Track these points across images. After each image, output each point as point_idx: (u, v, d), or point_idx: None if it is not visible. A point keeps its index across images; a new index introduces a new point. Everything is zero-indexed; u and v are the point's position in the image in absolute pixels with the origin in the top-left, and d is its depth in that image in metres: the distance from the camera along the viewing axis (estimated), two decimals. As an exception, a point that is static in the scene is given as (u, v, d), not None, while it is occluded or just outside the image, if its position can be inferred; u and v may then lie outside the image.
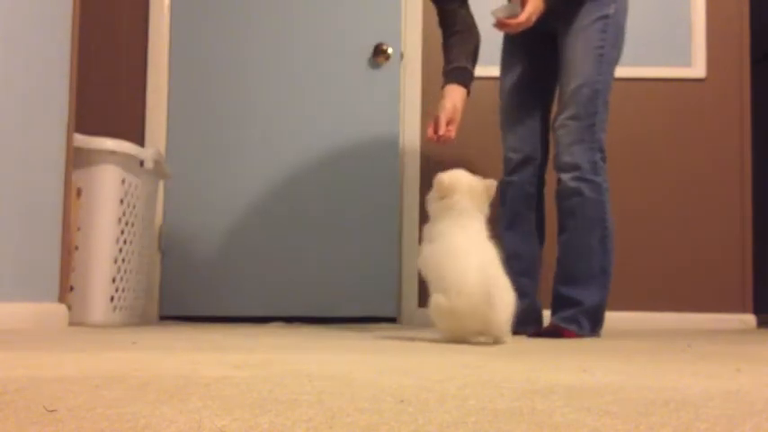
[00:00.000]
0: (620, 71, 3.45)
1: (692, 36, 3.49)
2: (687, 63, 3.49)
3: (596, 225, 2.39)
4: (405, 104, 3.47)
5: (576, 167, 2.37)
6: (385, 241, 3.41)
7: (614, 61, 2.45)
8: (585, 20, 2.40)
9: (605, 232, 2.40)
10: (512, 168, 2.57)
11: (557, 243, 2.45)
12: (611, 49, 2.42)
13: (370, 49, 3.45)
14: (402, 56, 3.48)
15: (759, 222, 3.59)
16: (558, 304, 2.41)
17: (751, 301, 3.42)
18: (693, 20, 3.49)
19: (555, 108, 2.53)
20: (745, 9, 3.52)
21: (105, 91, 3.44)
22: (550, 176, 2.56)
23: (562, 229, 2.43)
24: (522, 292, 2.55)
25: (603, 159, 2.41)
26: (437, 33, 3.66)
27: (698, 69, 3.49)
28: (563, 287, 2.41)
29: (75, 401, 0.75)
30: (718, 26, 3.49)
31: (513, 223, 2.57)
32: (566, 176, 2.39)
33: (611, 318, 2.59)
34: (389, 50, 3.43)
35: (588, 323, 2.38)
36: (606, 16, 2.40)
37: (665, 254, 3.43)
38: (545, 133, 2.58)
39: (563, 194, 2.41)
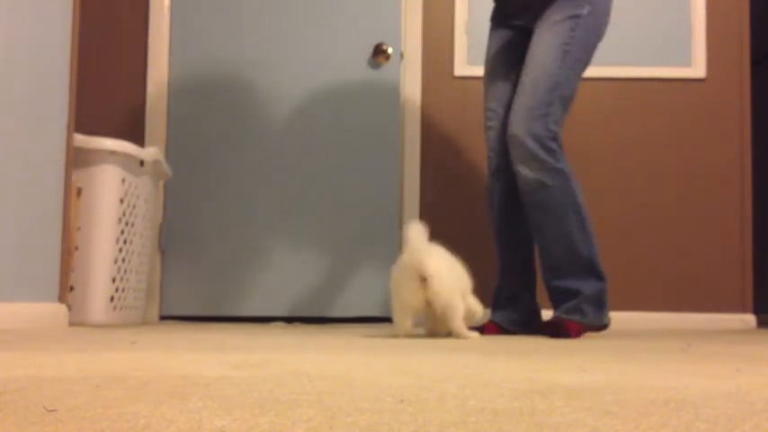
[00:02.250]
0: (621, 71, 3.48)
1: (692, 36, 3.49)
2: (687, 63, 3.49)
3: (570, 211, 2.32)
4: (405, 104, 3.47)
5: (532, 156, 2.30)
6: (385, 241, 3.41)
7: (580, 61, 2.39)
8: (557, 16, 2.37)
9: (581, 216, 2.33)
10: (492, 169, 2.56)
11: (536, 240, 2.41)
12: (578, 48, 2.36)
13: (370, 49, 3.45)
14: (402, 56, 3.48)
15: (759, 222, 3.59)
16: (558, 298, 2.36)
17: (751, 301, 3.42)
18: (693, 20, 3.49)
19: None
20: (745, 9, 3.52)
21: (105, 91, 3.44)
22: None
23: (535, 224, 2.37)
24: (520, 297, 2.55)
25: (561, 147, 2.34)
26: (437, 33, 3.66)
27: (698, 69, 3.49)
28: (556, 280, 2.36)
29: (75, 401, 0.75)
30: (718, 26, 3.50)
31: (501, 227, 2.56)
32: (524, 168, 2.32)
33: (612, 318, 2.59)
34: (389, 50, 3.43)
35: (592, 310, 2.33)
36: (578, 16, 2.36)
37: (664, 254, 3.43)
38: None
39: (526, 189, 2.34)
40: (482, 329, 2.51)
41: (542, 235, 2.37)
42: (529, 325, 2.51)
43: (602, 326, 2.39)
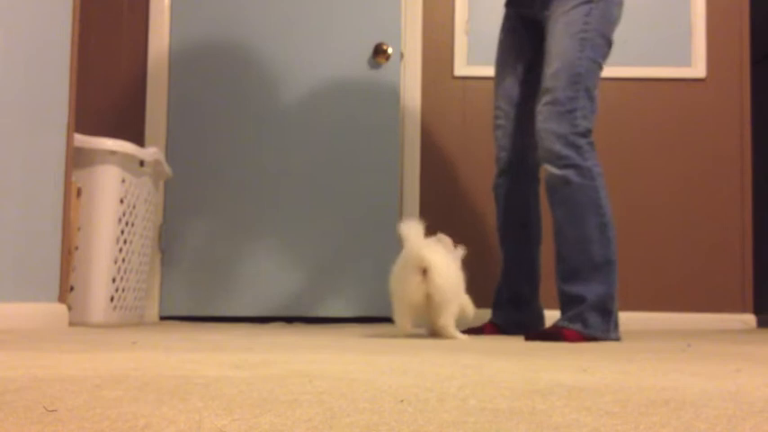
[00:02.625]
0: (620, 71, 3.47)
1: (692, 36, 3.49)
2: (687, 63, 3.49)
3: (591, 212, 2.21)
4: (405, 104, 3.47)
5: (558, 156, 2.22)
6: (385, 241, 3.41)
7: (600, 49, 2.28)
8: (567, 4, 2.28)
9: (603, 219, 2.22)
10: (501, 168, 2.51)
11: (555, 240, 2.31)
12: (595, 35, 2.25)
13: (370, 49, 3.45)
14: (402, 56, 3.48)
15: (759, 222, 3.59)
16: (564, 304, 2.24)
17: (751, 301, 3.43)
18: (693, 20, 3.49)
19: None
20: (745, 9, 3.52)
21: (105, 91, 3.44)
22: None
23: (556, 223, 2.27)
24: (523, 298, 2.49)
25: (590, 144, 2.26)
26: (437, 33, 3.66)
27: (698, 69, 3.49)
28: (565, 284, 2.24)
29: (75, 401, 0.75)
30: (718, 26, 3.50)
31: (507, 226, 2.53)
32: (549, 166, 2.25)
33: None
34: (389, 50, 3.43)
35: (597, 319, 2.18)
36: (590, 1, 2.25)
37: (665, 254, 3.43)
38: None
39: (550, 186, 2.26)
40: (481, 330, 2.49)
41: (559, 235, 2.27)
42: (531, 327, 2.42)
43: (609, 341, 2.21)
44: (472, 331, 2.43)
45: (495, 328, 2.50)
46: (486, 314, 2.58)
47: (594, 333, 2.17)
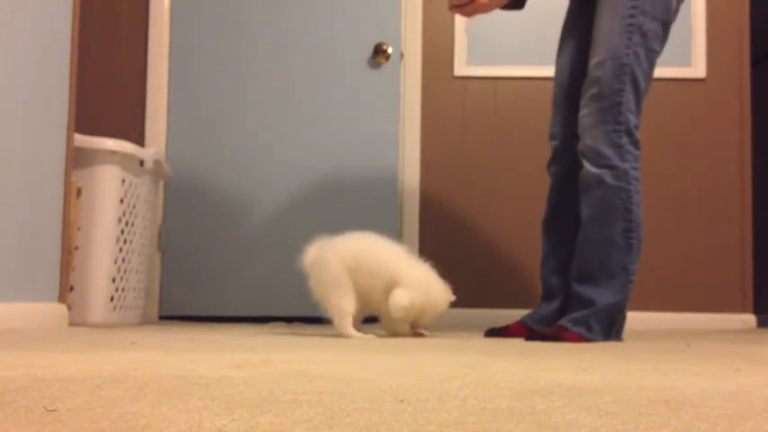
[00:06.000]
0: (620, 71, 3.47)
1: (692, 36, 3.49)
2: (687, 63, 3.49)
3: (619, 216, 2.14)
4: (405, 104, 3.47)
5: (597, 153, 2.15)
6: (385, 241, 3.41)
7: (651, 33, 2.15)
8: None
9: (630, 225, 2.15)
10: (551, 157, 2.41)
11: (578, 236, 2.23)
12: (644, 18, 2.13)
13: (370, 49, 3.45)
14: (402, 56, 3.48)
15: (759, 222, 3.59)
16: (571, 304, 2.19)
17: (751, 301, 3.43)
18: (693, 20, 3.49)
19: None
20: (745, 9, 3.52)
21: (105, 91, 3.44)
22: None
23: (582, 220, 2.20)
24: (550, 293, 2.37)
25: (634, 143, 2.18)
26: (437, 33, 3.66)
27: (698, 69, 3.48)
28: (577, 284, 2.18)
29: (75, 401, 0.75)
30: (718, 26, 3.50)
31: (552, 216, 2.41)
32: (586, 162, 2.17)
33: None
34: (389, 50, 3.43)
35: (602, 326, 2.13)
36: None
37: (665, 254, 3.43)
38: None
39: (584, 182, 2.19)
40: (504, 331, 2.36)
41: (582, 233, 2.20)
42: (553, 323, 2.27)
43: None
44: (495, 333, 2.34)
45: (524, 328, 2.34)
46: (480, 314, 2.57)
47: (596, 338, 2.13)
